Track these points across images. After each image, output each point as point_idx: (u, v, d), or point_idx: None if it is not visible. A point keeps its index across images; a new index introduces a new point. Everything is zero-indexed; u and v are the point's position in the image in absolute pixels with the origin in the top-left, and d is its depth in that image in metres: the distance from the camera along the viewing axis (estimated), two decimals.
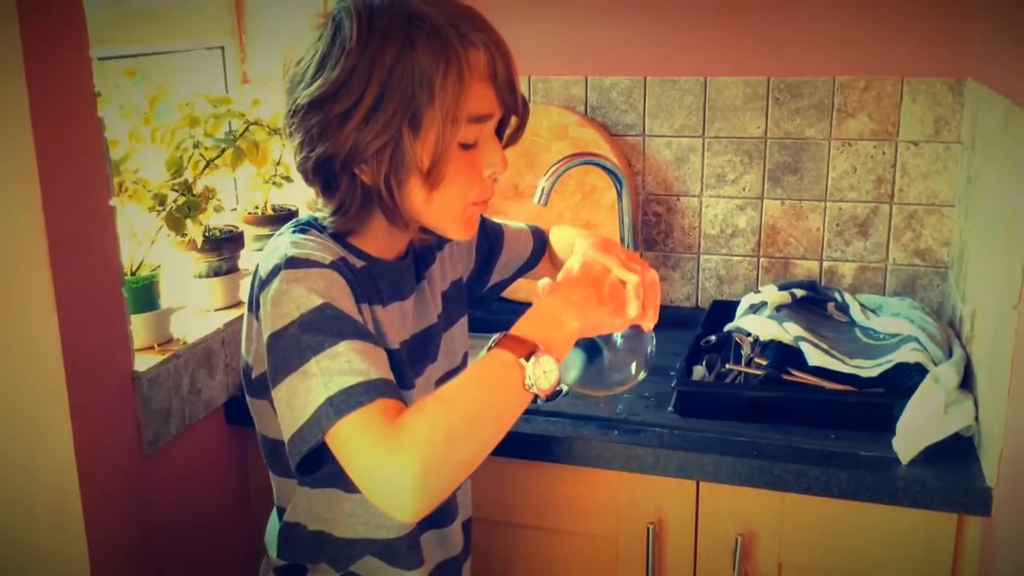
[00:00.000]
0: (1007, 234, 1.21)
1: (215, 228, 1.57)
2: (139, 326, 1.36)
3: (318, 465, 0.92)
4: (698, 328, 1.65)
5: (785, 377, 1.46)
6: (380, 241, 1.08)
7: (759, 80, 1.78)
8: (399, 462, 0.82)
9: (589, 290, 0.99)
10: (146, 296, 1.39)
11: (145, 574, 1.35)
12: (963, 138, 1.68)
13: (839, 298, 1.69)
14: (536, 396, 0.91)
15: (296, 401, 0.90)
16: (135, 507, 1.32)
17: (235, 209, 1.85)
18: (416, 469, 0.82)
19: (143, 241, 1.41)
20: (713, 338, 1.60)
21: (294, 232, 1.04)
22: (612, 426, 1.40)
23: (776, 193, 1.82)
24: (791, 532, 1.34)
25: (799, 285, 1.71)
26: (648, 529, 1.37)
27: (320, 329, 0.91)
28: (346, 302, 0.95)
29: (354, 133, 0.96)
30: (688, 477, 1.35)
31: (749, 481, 1.31)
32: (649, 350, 1.15)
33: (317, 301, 0.92)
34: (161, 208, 1.40)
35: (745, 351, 1.53)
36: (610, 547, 1.43)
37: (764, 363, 1.48)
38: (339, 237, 1.06)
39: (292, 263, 0.96)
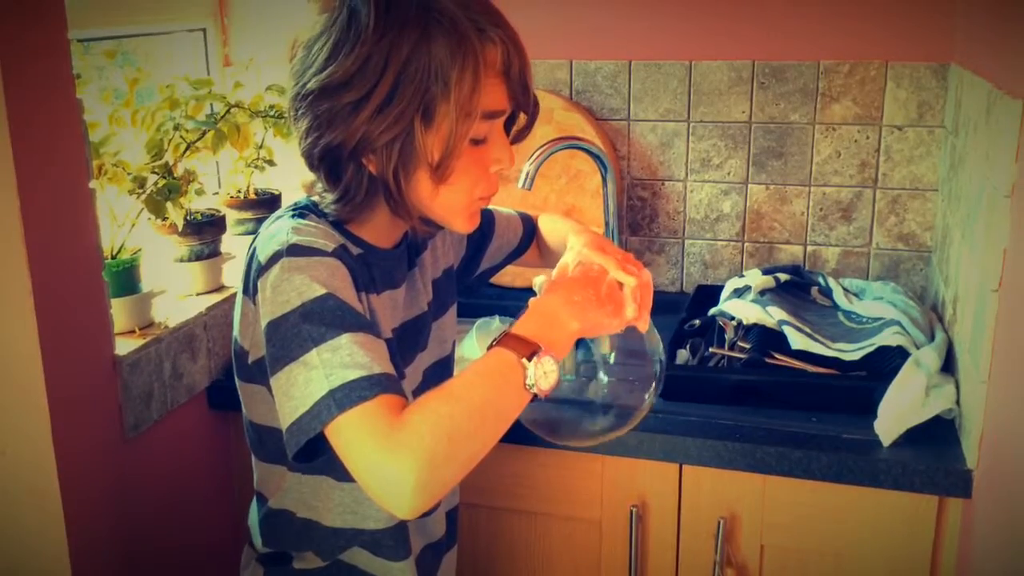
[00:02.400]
0: (989, 218, 1.21)
1: (196, 212, 1.56)
2: (120, 310, 1.35)
3: (315, 455, 0.91)
4: (682, 312, 1.66)
5: (768, 361, 1.46)
6: (379, 230, 1.07)
7: (744, 64, 1.77)
8: (401, 459, 0.81)
9: (588, 291, 1.00)
10: (127, 280, 1.38)
11: (126, 560, 1.34)
12: (946, 122, 1.68)
13: (822, 282, 1.69)
14: (535, 396, 0.91)
15: (295, 391, 0.89)
16: (116, 492, 1.32)
17: (217, 193, 1.84)
18: (418, 466, 0.81)
19: (123, 224, 1.40)
20: (697, 322, 1.61)
21: (293, 216, 1.02)
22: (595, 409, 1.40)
23: (760, 178, 1.82)
24: (773, 514, 1.34)
25: (783, 269, 1.71)
26: (631, 512, 1.38)
27: (322, 320, 0.90)
28: (348, 292, 0.94)
29: (365, 123, 0.94)
30: (671, 460, 1.35)
31: (732, 464, 1.31)
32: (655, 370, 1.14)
33: (319, 291, 0.91)
34: (141, 191, 1.39)
35: (729, 335, 1.53)
36: (593, 530, 1.43)
37: (747, 347, 1.48)
38: (338, 224, 1.05)
39: (294, 250, 0.94)
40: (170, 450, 1.44)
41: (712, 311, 1.61)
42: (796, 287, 1.69)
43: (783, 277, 1.68)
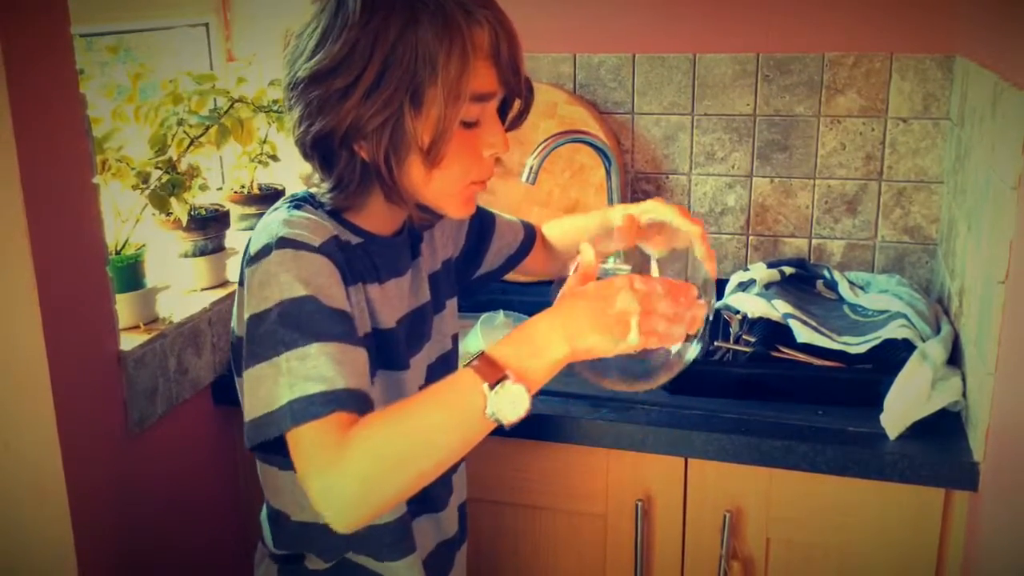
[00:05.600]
0: (995, 210, 1.21)
1: (200, 207, 1.56)
2: (124, 306, 1.35)
3: (272, 446, 0.93)
4: None
5: (773, 354, 1.46)
6: (378, 218, 1.07)
7: (748, 57, 1.77)
8: (342, 475, 0.84)
9: (595, 314, 0.90)
10: (131, 275, 1.38)
11: (130, 555, 1.34)
12: (952, 115, 1.67)
13: (828, 275, 1.69)
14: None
15: (261, 391, 0.91)
16: (120, 488, 1.32)
17: (221, 188, 1.84)
18: (356, 484, 0.84)
19: (127, 220, 1.40)
20: None
21: (289, 208, 1.03)
22: (600, 404, 1.40)
23: (765, 171, 1.81)
24: (779, 508, 1.34)
25: (788, 263, 1.71)
26: (637, 506, 1.38)
27: (297, 324, 0.91)
28: (333, 290, 0.94)
29: (355, 108, 0.95)
30: (676, 454, 1.35)
31: (737, 458, 1.31)
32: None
33: (301, 291, 0.92)
34: (145, 186, 1.38)
35: (734, 328, 1.53)
36: (598, 525, 1.43)
37: (752, 340, 1.48)
38: (335, 213, 1.05)
39: (282, 243, 0.95)
40: (175, 446, 1.44)
41: (717, 304, 1.61)
42: (801, 280, 1.68)
43: (788, 270, 1.67)
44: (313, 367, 0.89)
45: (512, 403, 0.86)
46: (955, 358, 1.38)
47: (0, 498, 0.93)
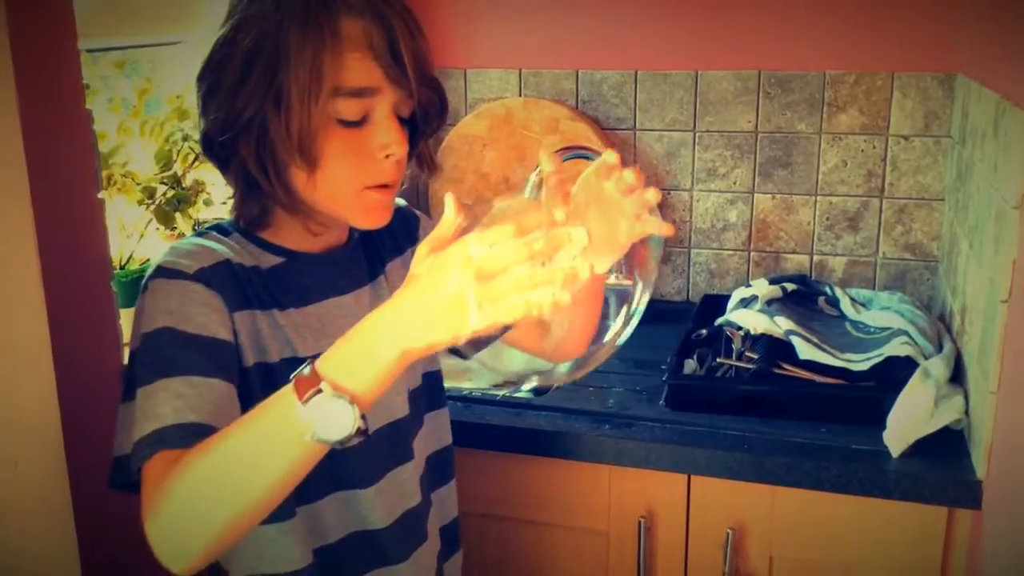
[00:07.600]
0: (997, 229, 1.21)
1: (205, 222, 1.56)
2: (129, 320, 1.35)
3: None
4: (689, 322, 1.65)
5: (776, 371, 1.46)
6: (301, 233, 1.00)
7: (750, 74, 1.78)
8: (155, 525, 0.80)
9: (426, 301, 0.76)
10: (136, 290, 1.37)
11: (137, 571, 1.34)
12: (953, 133, 1.68)
13: (829, 292, 1.69)
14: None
15: (120, 428, 0.91)
16: (126, 503, 1.31)
17: (225, 203, 1.84)
18: (172, 533, 0.80)
19: (132, 234, 1.40)
20: (704, 332, 1.61)
21: (191, 236, 0.99)
22: (603, 420, 1.40)
23: (767, 187, 1.82)
24: (782, 525, 1.34)
25: (790, 279, 1.71)
26: (639, 523, 1.37)
27: (149, 362, 0.89)
28: (201, 317, 0.90)
29: (223, 107, 0.91)
30: (679, 471, 1.35)
31: (740, 475, 1.31)
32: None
33: (157, 324, 0.89)
34: (150, 201, 1.39)
35: (736, 345, 1.53)
36: (601, 541, 1.43)
37: (755, 357, 1.48)
38: (250, 234, 1.00)
39: (156, 273, 0.93)
40: None
41: (719, 321, 1.61)
42: (803, 297, 1.69)
43: (790, 287, 1.68)
44: (154, 404, 0.86)
45: (331, 420, 0.74)
46: (957, 376, 1.38)
47: (8, 515, 0.93)
